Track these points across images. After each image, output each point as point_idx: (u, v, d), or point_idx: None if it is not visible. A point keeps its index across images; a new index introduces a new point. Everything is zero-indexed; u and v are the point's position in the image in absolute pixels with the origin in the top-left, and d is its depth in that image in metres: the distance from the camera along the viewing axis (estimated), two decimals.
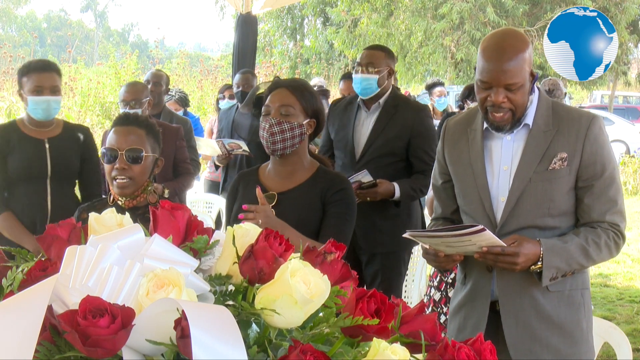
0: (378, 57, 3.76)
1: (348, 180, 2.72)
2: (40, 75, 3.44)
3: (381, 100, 3.77)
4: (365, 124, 3.79)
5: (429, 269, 3.12)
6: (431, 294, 2.99)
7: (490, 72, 2.19)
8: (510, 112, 2.22)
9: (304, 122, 2.55)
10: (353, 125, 3.79)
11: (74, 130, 3.65)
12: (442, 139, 2.46)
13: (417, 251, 3.93)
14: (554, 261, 2.18)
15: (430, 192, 2.98)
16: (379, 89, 3.74)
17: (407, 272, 3.90)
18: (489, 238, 2.10)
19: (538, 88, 2.34)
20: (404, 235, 2.24)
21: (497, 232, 2.25)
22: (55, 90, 3.46)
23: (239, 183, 2.72)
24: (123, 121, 2.60)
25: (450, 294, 2.89)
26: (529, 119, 2.28)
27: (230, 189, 2.76)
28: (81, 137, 3.61)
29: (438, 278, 2.97)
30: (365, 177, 3.54)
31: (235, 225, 1.25)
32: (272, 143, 2.52)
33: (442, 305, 2.94)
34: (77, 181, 3.64)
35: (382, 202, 3.62)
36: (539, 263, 2.17)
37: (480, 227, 2.05)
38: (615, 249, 2.27)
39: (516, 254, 2.14)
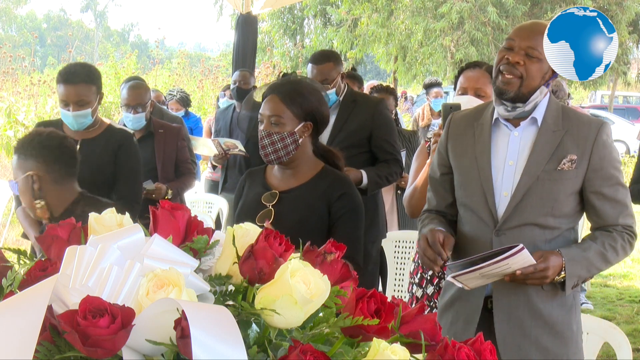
0: (329, 70, 3.75)
1: (350, 181, 2.74)
2: (65, 87, 3.21)
3: (340, 98, 3.82)
4: None
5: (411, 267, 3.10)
6: (413, 291, 2.98)
7: (519, 32, 2.29)
8: (519, 80, 2.24)
9: (297, 129, 2.55)
10: None
11: (113, 134, 3.37)
12: (446, 131, 2.47)
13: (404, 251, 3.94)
14: (576, 270, 2.22)
15: (407, 191, 2.97)
16: (338, 97, 3.79)
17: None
18: (525, 257, 2.12)
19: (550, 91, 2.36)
20: (447, 279, 2.27)
21: (498, 226, 2.28)
22: (82, 104, 3.21)
23: (245, 180, 2.77)
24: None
25: (428, 291, 2.91)
26: (539, 113, 2.29)
27: (238, 187, 2.80)
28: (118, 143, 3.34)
29: (419, 275, 2.96)
30: None
31: (235, 225, 1.25)
32: (265, 155, 2.57)
33: (426, 302, 2.93)
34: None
35: None
36: (562, 273, 2.21)
37: (520, 246, 2.08)
38: (630, 248, 2.33)
39: (546, 268, 2.17)
